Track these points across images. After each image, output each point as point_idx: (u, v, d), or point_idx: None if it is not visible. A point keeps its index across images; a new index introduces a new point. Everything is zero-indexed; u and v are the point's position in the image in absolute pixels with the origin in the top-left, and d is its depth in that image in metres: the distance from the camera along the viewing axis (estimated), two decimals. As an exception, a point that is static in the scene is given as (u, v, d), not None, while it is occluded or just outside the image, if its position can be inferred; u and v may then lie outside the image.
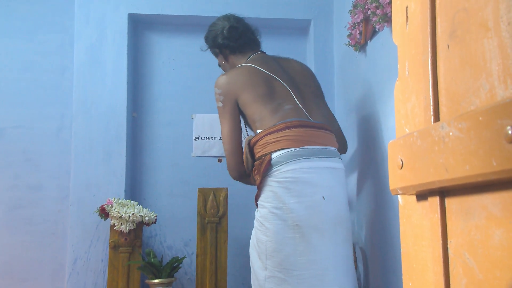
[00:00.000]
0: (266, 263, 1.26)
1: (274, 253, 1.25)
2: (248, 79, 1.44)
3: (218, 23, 1.62)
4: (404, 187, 0.52)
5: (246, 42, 1.58)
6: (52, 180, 2.03)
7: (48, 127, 2.07)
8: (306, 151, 1.32)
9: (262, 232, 1.29)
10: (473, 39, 0.41)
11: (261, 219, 1.31)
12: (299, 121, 1.38)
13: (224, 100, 1.43)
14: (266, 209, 1.30)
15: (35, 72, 2.10)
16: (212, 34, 1.61)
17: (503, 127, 0.37)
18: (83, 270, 1.91)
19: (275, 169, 1.30)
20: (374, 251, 1.53)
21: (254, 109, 1.41)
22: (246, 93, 1.42)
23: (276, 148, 1.32)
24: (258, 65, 1.48)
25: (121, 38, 2.08)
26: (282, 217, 1.26)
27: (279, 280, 1.24)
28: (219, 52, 1.62)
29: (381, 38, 1.51)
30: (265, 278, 1.26)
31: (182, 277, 2.03)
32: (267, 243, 1.27)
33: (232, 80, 1.45)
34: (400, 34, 0.53)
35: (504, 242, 0.40)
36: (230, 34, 1.56)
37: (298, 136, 1.34)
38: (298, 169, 1.28)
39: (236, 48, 1.57)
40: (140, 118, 2.17)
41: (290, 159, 1.29)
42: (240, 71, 1.48)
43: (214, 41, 1.61)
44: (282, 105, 1.41)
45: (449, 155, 0.43)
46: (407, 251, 0.56)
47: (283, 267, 1.24)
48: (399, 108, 0.53)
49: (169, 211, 2.08)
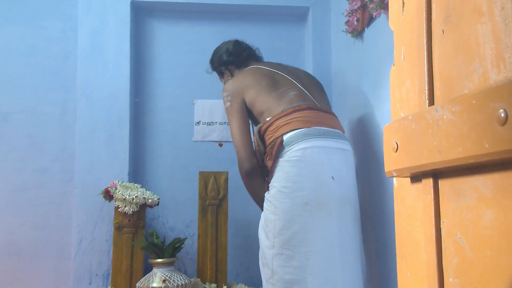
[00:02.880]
0: (274, 241, 1.28)
1: (282, 231, 1.27)
2: (251, 77, 1.51)
3: (222, 46, 1.76)
4: (398, 169, 0.52)
5: (250, 56, 1.70)
6: (56, 163, 2.06)
7: (52, 112, 2.08)
8: (316, 131, 1.34)
9: (270, 211, 1.31)
10: (467, 24, 0.41)
11: (270, 199, 1.32)
12: (306, 104, 1.42)
13: (232, 99, 1.48)
14: (275, 189, 1.31)
15: (39, 58, 2.10)
16: (218, 54, 1.74)
17: (496, 110, 0.37)
18: (88, 250, 1.95)
19: (286, 149, 1.31)
20: (369, 233, 1.55)
21: (260, 102, 1.45)
22: (251, 89, 1.47)
23: (287, 130, 1.34)
24: (259, 65, 1.59)
25: (123, 25, 2.07)
26: (291, 196, 1.27)
27: (287, 257, 1.26)
28: (225, 69, 1.72)
29: (378, 24, 1.51)
30: (273, 256, 1.28)
31: (184, 257, 2.07)
32: (276, 222, 1.28)
33: (237, 81, 1.52)
34: (396, 20, 0.53)
35: (495, 222, 0.41)
36: (235, 49, 1.69)
37: (307, 117, 1.37)
38: (309, 148, 1.30)
39: (241, 62, 1.68)
40: (142, 103, 2.17)
41: (300, 138, 1.31)
42: (244, 73, 1.57)
43: (220, 60, 1.72)
44: (286, 91, 1.45)
45: (442, 137, 0.44)
46: (401, 231, 0.57)
47: (291, 244, 1.26)
48: (394, 93, 0.53)
49: (171, 194, 2.11)
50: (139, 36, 2.19)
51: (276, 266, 1.27)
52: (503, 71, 0.38)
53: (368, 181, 1.57)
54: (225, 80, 1.74)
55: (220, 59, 1.72)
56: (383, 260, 1.46)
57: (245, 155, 1.41)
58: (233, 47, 1.70)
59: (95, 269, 1.94)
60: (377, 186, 1.49)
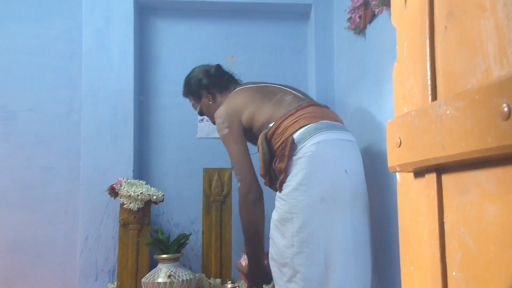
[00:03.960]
0: (293, 240, 1.25)
1: (301, 229, 1.25)
2: (244, 97, 1.49)
3: (198, 70, 1.69)
4: (402, 164, 0.52)
5: (231, 80, 1.66)
6: (63, 161, 2.08)
7: (58, 110, 2.10)
8: (325, 124, 1.33)
9: (286, 210, 1.28)
10: (470, 19, 0.41)
11: (285, 197, 1.29)
12: (307, 102, 1.42)
13: (229, 125, 1.45)
14: (291, 187, 1.28)
15: (45, 57, 2.12)
16: (195, 78, 1.67)
17: (499, 105, 0.37)
18: (95, 246, 1.97)
19: (299, 147, 1.29)
20: (372, 228, 1.55)
21: (260, 114, 1.43)
22: (248, 107, 1.46)
23: (296, 128, 1.32)
24: (246, 85, 1.57)
25: (128, 23, 2.08)
26: (308, 192, 1.25)
27: (307, 255, 1.24)
28: (207, 93, 1.65)
29: (380, 21, 1.50)
30: (293, 255, 1.25)
31: (188, 252, 2.09)
32: (294, 220, 1.26)
33: (231, 104, 1.49)
34: (398, 16, 0.53)
35: (498, 217, 0.41)
36: (216, 72, 1.64)
37: (312, 113, 1.36)
38: (322, 142, 1.28)
39: (223, 85, 1.64)
40: (146, 101, 2.19)
41: (312, 133, 1.29)
42: (233, 95, 1.54)
43: (199, 84, 1.65)
44: (282, 98, 1.45)
45: (445, 133, 0.44)
46: (405, 226, 0.58)
47: (311, 242, 1.24)
48: (397, 89, 0.54)
49: (175, 191, 2.12)
50: (143, 34, 2.20)
51: (298, 264, 1.25)
52: (506, 66, 0.38)
53: (372, 176, 1.57)
54: (204, 105, 1.69)
55: (199, 83, 1.65)
56: (386, 255, 1.46)
57: (253, 181, 1.40)
58: (215, 70, 1.66)
59: (101, 265, 1.96)
60: (380, 181, 1.50)
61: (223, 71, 1.68)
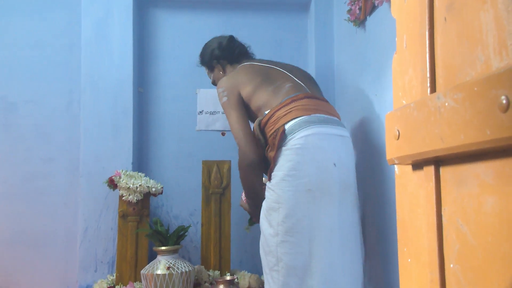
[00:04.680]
0: (278, 229, 1.28)
1: (286, 218, 1.27)
2: (246, 75, 1.51)
3: (213, 40, 1.75)
4: (400, 157, 0.52)
5: (242, 54, 1.70)
6: (62, 153, 2.08)
7: (58, 102, 2.10)
8: (316, 118, 1.35)
9: (273, 200, 1.31)
10: (470, 11, 0.41)
11: (273, 187, 1.32)
12: (304, 93, 1.43)
13: (228, 94, 1.48)
14: (278, 177, 1.31)
15: (45, 49, 2.11)
16: (210, 48, 1.73)
17: (498, 97, 0.37)
18: (94, 238, 1.98)
19: (289, 138, 1.32)
20: (370, 220, 1.56)
21: (257, 97, 1.46)
22: (247, 86, 1.48)
23: (288, 119, 1.34)
24: (251, 62, 1.60)
25: (127, 15, 2.07)
26: (294, 183, 1.28)
27: (291, 244, 1.27)
28: (217, 64, 1.71)
29: (380, 13, 1.50)
30: (277, 243, 1.28)
31: (188, 244, 2.10)
32: (280, 210, 1.29)
33: (232, 78, 1.52)
34: (398, 8, 0.53)
35: (496, 209, 0.41)
36: (228, 45, 1.69)
37: (306, 105, 1.38)
38: (311, 135, 1.30)
39: (234, 58, 1.69)
40: (146, 93, 2.18)
41: (302, 126, 1.31)
42: (237, 70, 1.57)
43: (212, 54, 1.71)
44: (282, 85, 1.46)
45: (444, 125, 0.44)
46: (403, 218, 0.58)
47: (295, 231, 1.26)
48: (396, 81, 0.53)
49: (174, 183, 2.12)
50: (142, 26, 2.19)
51: (281, 253, 1.28)
52: (505, 58, 0.38)
53: (370, 169, 1.57)
54: (215, 75, 1.74)
55: (212, 53, 1.71)
56: (384, 247, 1.47)
57: (249, 146, 1.41)
58: (227, 42, 1.69)
59: (100, 257, 1.97)
60: (379, 173, 1.50)
61: (235, 44, 1.71)
